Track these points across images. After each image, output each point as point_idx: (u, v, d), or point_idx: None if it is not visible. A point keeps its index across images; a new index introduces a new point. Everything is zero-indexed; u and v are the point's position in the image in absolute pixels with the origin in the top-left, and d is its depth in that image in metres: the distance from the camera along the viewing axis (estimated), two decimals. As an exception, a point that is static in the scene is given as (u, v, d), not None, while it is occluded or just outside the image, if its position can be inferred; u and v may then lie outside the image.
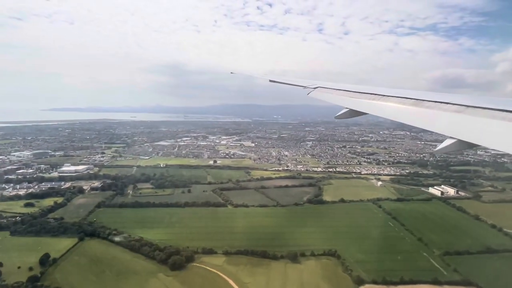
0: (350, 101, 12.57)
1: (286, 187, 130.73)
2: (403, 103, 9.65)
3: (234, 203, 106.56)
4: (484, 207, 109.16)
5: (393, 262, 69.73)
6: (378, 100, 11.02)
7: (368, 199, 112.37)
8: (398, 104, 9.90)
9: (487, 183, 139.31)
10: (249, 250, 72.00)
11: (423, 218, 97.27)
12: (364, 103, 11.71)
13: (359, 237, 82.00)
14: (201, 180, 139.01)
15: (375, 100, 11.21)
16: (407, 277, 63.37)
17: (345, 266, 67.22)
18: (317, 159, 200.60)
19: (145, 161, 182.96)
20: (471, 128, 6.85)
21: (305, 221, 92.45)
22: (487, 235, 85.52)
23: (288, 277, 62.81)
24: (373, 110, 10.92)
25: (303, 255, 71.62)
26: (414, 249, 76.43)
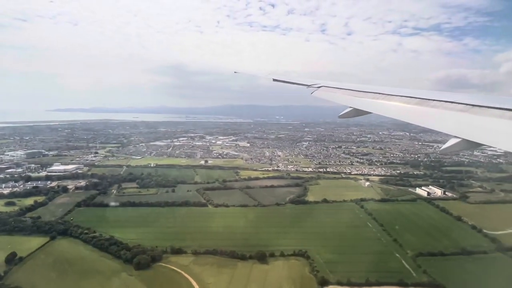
0: (354, 101, 12.46)
1: (271, 187, 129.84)
2: (408, 103, 9.57)
3: (214, 203, 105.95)
4: (469, 208, 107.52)
5: (363, 263, 68.54)
6: (383, 100, 10.94)
7: (352, 200, 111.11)
8: (402, 103, 9.81)
9: (477, 184, 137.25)
10: (218, 250, 71.38)
11: (404, 218, 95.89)
12: (368, 103, 11.59)
13: (334, 237, 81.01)
14: (188, 180, 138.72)
15: (379, 99, 11.12)
16: (375, 278, 62.26)
17: (312, 266, 66.31)
18: (309, 159, 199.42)
19: (137, 161, 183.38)
20: (477, 128, 6.76)
21: (282, 221, 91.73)
22: (466, 236, 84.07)
23: (251, 277, 62.12)
24: (377, 110, 10.80)
25: (272, 255, 70.88)
26: (388, 250, 75.28)
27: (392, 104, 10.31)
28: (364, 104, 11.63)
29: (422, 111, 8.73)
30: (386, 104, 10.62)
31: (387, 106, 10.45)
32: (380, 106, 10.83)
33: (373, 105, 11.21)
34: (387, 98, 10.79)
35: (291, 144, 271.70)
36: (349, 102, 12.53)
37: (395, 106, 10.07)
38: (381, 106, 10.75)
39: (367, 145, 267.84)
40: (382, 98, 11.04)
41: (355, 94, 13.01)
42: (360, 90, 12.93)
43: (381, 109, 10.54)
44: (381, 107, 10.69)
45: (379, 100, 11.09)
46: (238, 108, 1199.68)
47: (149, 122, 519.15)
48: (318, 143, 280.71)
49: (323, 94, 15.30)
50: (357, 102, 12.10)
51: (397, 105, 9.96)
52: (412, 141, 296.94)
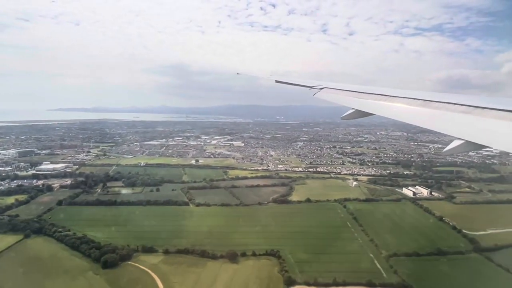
0: (357, 102, 12.41)
1: (257, 186, 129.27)
2: (411, 104, 9.55)
3: (196, 202, 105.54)
4: (453, 208, 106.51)
5: (335, 263, 67.87)
6: (385, 101, 10.90)
7: (336, 199, 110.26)
8: (405, 104, 9.78)
9: (466, 184, 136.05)
10: (190, 249, 70.94)
11: (385, 219, 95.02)
12: (371, 104, 11.60)
13: (310, 237, 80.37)
14: (175, 179, 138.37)
15: (382, 100, 11.09)
16: (345, 279, 61.53)
17: (282, 266, 65.68)
18: (301, 159, 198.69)
19: (128, 160, 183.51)
20: (479, 129, 6.75)
21: (260, 221, 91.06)
22: (445, 237, 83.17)
23: (218, 277, 61.60)
24: (380, 111, 10.74)
25: (244, 255, 70.37)
26: (363, 250, 74.48)
27: (395, 105, 10.27)
28: (366, 106, 11.61)
29: (425, 112, 8.73)
30: (389, 105, 10.56)
31: (390, 107, 10.39)
32: (383, 107, 10.76)
33: (376, 106, 11.18)
34: (389, 100, 10.74)
35: (285, 144, 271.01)
36: (352, 103, 12.47)
37: (398, 107, 10.04)
38: (384, 108, 10.67)
39: (362, 145, 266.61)
40: (384, 100, 10.99)
41: (357, 95, 12.98)
42: (363, 91, 12.91)
43: (384, 111, 10.46)
44: (384, 108, 10.62)
45: (382, 102, 11.05)
46: (240, 108, 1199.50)
47: (148, 122, 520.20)
48: (313, 143, 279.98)
49: (325, 95, 15.32)
50: (360, 104, 12.05)
51: (400, 107, 9.93)
52: (408, 142, 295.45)
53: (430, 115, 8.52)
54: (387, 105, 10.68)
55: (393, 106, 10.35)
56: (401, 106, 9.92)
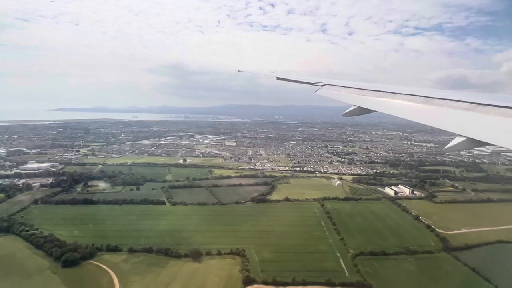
0: (358, 99, 12.29)
1: (239, 185, 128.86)
2: (413, 101, 9.47)
3: (173, 201, 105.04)
4: (432, 207, 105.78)
5: (299, 262, 67.18)
6: (387, 98, 10.83)
7: (315, 198, 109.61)
8: (407, 101, 9.70)
9: (450, 183, 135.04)
10: (155, 248, 70.38)
11: (360, 218, 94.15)
12: (372, 101, 11.45)
13: (280, 236, 79.67)
14: (158, 178, 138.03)
15: (384, 97, 11.00)
16: (305, 278, 60.78)
17: (244, 265, 64.97)
18: (290, 158, 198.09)
19: (115, 159, 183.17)
20: (481, 126, 6.71)
21: (233, 220, 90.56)
22: (418, 236, 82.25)
23: (177, 276, 60.99)
24: (381, 108, 10.61)
25: (209, 254, 69.72)
26: (330, 250, 73.72)
27: (396, 102, 10.17)
28: (368, 102, 11.43)
29: (427, 109, 8.65)
30: (390, 102, 10.45)
31: (392, 104, 10.29)
32: (384, 104, 10.65)
33: (377, 103, 11.01)
34: (391, 97, 10.65)
35: (278, 143, 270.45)
36: (353, 100, 12.34)
37: (399, 104, 9.94)
38: (385, 105, 10.56)
39: (355, 145, 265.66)
40: (386, 97, 10.91)
41: (359, 92, 12.83)
42: (364, 88, 12.77)
43: (386, 108, 10.36)
44: (386, 105, 10.51)
45: (384, 99, 10.94)
46: (240, 108, 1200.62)
47: (145, 122, 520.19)
48: (306, 142, 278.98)
49: (327, 92, 15.13)
50: (361, 100, 11.92)
51: (402, 104, 9.83)
52: (402, 141, 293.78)
53: (432, 112, 8.41)
54: (388, 102, 10.57)
55: (394, 103, 10.24)
56: (402, 103, 9.84)
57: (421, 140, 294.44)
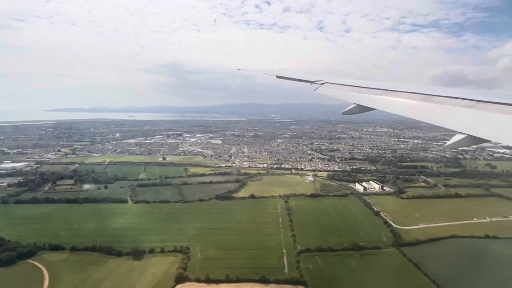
0: (358, 97, 12.28)
1: (210, 183, 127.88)
2: (412, 98, 9.46)
3: (136, 199, 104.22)
4: (397, 202, 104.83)
5: (241, 260, 66.27)
6: (386, 95, 10.81)
7: (281, 195, 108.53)
8: (407, 99, 9.69)
9: (423, 179, 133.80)
10: (98, 246, 69.51)
11: (320, 214, 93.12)
12: (372, 99, 11.46)
13: (231, 233, 78.84)
14: (131, 176, 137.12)
15: (384, 95, 10.97)
16: (243, 275, 59.94)
17: (184, 263, 64.05)
18: (272, 155, 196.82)
19: (94, 158, 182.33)
20: (481, 123, 6.69)
21: (190, 217, 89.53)
22: (372, 231, 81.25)
23: (111, 274, 60.19)
24: (381, 106, 10.58)
25: (152, 251, 68.87)
26: (278, 246, 72.68)
27: (396, 100, 10.14)
28: (368, 100, 11.46)
29: (426, 107, 8.62)
30: (390, 100, 10.43)
31: (391, 102, 10.26)
32: (384, 102, 10.62)
33: (377, 101, 11.01)
34: (391, 94, 10.63)
35: (265, 141, 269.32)
36: (353, 98, 12.31)
37: (399, 102, 9.92)
38: (385, 102, 10.53)
39: (341, 142, 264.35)
40: (386, 94, 10.88)
41: (359, 90, 12.81)
42: (364, 86, 12.75)
43: (385, 105, 10.32)
44: (385, 103, 10.47)
45: (383, 96, 10.92)
46: (238, 106, 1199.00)
47: (139, 121, 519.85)
48: (294, 139, 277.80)
49: (326, 90, 15.14)
50: (361, 98, 11.91)
51: (402, 101, 9.81)
52: (390, 138, 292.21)
53: (432, 109, 8.38)
54: (388, 99, 10.53)
55: (394, 100, 10.20)
56: (402, 101, 9.80)
57: (410, 137, 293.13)
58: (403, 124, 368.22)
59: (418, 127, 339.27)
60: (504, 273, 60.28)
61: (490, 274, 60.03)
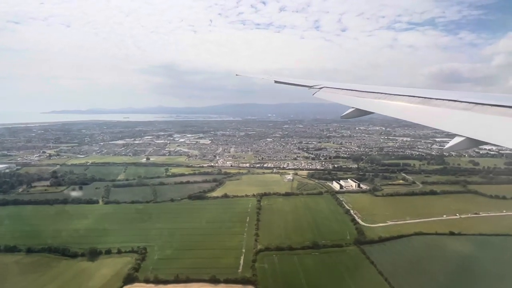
0: (356, 101, 12.38)
1: (187, 183, 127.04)
2: (411, 102, 9.50)
3: (107, 200, 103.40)
4: (370, 200, 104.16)
5: (198, 260, 65.58)
6: (385, 99, 10.89)
7: (255, 194, 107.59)
8: (405, 102, 9.75)
9: (402, 176, 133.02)
10: (53, 248, 68.62)
11: (290, 213, 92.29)
12: (371, 102, 11.50)
13: (194, 233, 78.06)
14: (109, 177, 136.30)
15: (381, 99, 11.08)
16: (196, 275, 59.18)
17: (137, 263, 63.14)
18: (257, 155, 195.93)
19: (78, 159, 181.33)
20: (480, 126, 6.70)
21: (158, 217, 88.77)
22: (338, 229, 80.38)
23: (61, 276, 59.40)
24: (379, 109, 10.67)
25: (108, 252, 67.97)
26: (238, 246, 71.75)
27: (394, 103, 10.22)
28: (366, 104, 11.48)
29: (425, 110, 8.64)
30: (388, 103, 10.52)
31: (390, 105, 10.35)
32: (382, 106, 10.71)
33: (375, 105, 11.07)
34: (389, 98, 10.70)
35: (254, 140, 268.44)
36: (351, 102, 12.39)
37: (397, 105, 9.99)
38: (383, 106, 10.62)
39: (331, 140, 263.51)
40: (384, 98, 10.97)
41: (357, 94, 12.94)
42: (362, 90, 12.88)
43: (384, 109, 10.41)
44: (384, 106, 10.57)
45: (381, 100, 11.01)
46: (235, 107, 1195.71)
47: (133, 122, 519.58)
48: (284, 139, 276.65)
49: (324, 95, 15.26)
50: (359, 102, 11.98)
51: (400, 105, 9.88)
52: (380, 136, 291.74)
53: (430, 112, 8.39)
54: (386, 103, 10.61)
55: (392, 104, 10.28)
56: (400, 104, 9.86)
57: (401, 135, 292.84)
58: (397, 122, 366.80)
59: (411, 125, 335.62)
60: (452, 269, 59.57)
61: (441, 271, 59.28)
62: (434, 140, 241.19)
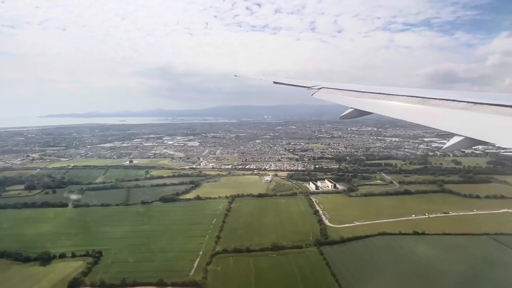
0: (355, 101, 12.32)
1: (163, 185, 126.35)
2: (409, 102, 9.48)
3: (77, 203, 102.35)
4: (343, 201, 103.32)
5: (152, 263, 64.38)
6: (383, 99, 10.85)
7: (227, 196, 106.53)
8: (404, 103, 9.73)
9: (380, 176, 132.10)
10: (6, 252, 67.41)
11: (259, 214, 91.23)
12: (369, 103, 11.50)
13: (156, 236, 76.79)
14: (86, 180, 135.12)
15: (380, 99, 11.03)
16: (146, 278, 57.93)
17: (88, 268, 61.95)
18: (241, 156, 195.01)
19: (61, 163, 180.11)
20: (479, 125, 6.71)
21: (122, 220, 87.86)
22: (302, 230, 79.29)
23: (5, 282, 58.03)
24: (378, 110, 10.64)
25: (62, 256, 66.74)
26: (197, 248, 70.50)
27: (393, 103, 10.20)
28: (365, 105, 11.45)
29: (424, 110, 8.65)
30: (387, 104, 10.49)
31: (389, 106, 10.33)
32: (381, 106, 10.69)
33: (374, 105, 11.06)
34: (388, 98, 10.66)
35: (243, 142, 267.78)
36: (350, 103, 12.33)
37: (396, 105, 9.96)
38: (382, 106, 10.59)
39: (320, 141, 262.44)
40: (383, 98, 10.91)
41: (355, 94, 12.90)
42: (361, 90, 12.83)
43: (383, 109, 10.38)
44: (382, 107, 10.54)
45: (380, 100, 10.97)
46: (232, 109, 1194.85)
47: (127, 125, 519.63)
48: (273, 140, 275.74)
49: (323, 95, 15.21)
50: (358, 103, 11.93)
51: (399, 105, 9.86)
52: (370, 136, 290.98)
53: (429, 112, 8.40)
54: (385, 103, 10.57)
55: (391, 104, 10.26)
56: (399, 104, 9.84)
57: (390, 135, 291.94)
58: (390, 123, 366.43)
59: (403, 125, 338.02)
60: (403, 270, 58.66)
61: (393, 271, 58.23)
62: (423, 140, 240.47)
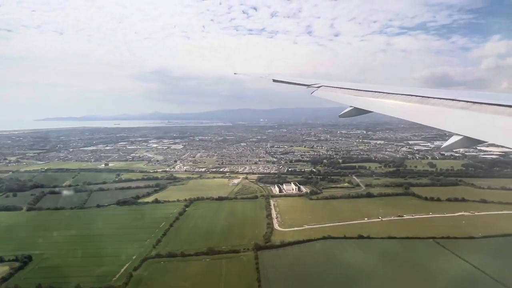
0: (355, 100, 12.28)
1: (128, 188, 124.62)
2: (409, 101, 9.45)
3: (31, 207, 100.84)
4: (301, 204, 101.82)
5: (81, 268, 62.60)
6: (383, 98, 10.87)
7: (186, 199, 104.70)
8: (403, 101, 9.71)
9: (348, 179, 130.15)
10: None
11: (210, 218, 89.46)
12: (369, 101, 11.44)
13: (95, 240, 74.78)
14: (54, 183, 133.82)
15: (380, 98, 11.05)
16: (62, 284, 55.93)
17: (11, 273, 60.06)
18: (221, 159, 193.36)
19: (35, 166, 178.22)
20: (477, 125, 6.71)
21: (66, 224, 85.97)
22: (248, 234, 77.32)
23: None
24: (377, 108, 10.61)
25: (-11, 261, 64.67)
26: (131, 253, 68.38)
27: (392, 102, 10.22)
28: (364, 103, 11.43)
29: (422, 109, 8.64)
30: (386, 102, 10.52)
31: (388, 104, 10.36)
32: (380, 104, 10.69)
33: (374, 104, 11.03)
34: (387, 97, 10.71)
35: (228, 145, 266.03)
36: (350, 101, 12.30)
37: (395, 104, 9.99)
38: (381, 105, 10.60)
39: (304, 144, 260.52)
40: (382, 97, 10.95)
41: (355, 93, 12.86)
42: (361, 89, 12.77)
43: (382, 108, 10.40)
44: (382, 105, 10.55)
45: (380, 99, 10.98)
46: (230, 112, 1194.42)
47: (121, 128, 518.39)
48: (258, 143, 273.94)
49: (323, 93, 15.09)
50: (358, 101, 11.91)
51: (398, 104, 9.88)
52: (356, 139, 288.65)
53: (428, 111, 8.40)
54: (384, 102, 10.58)
55: (390, 103, 10.27)
56: (398, 103, 9.86)
57: (378, 138, 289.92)
58: (380, 126, 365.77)
59: (393, 128, 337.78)
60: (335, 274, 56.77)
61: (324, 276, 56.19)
62: (408, 143, 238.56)
